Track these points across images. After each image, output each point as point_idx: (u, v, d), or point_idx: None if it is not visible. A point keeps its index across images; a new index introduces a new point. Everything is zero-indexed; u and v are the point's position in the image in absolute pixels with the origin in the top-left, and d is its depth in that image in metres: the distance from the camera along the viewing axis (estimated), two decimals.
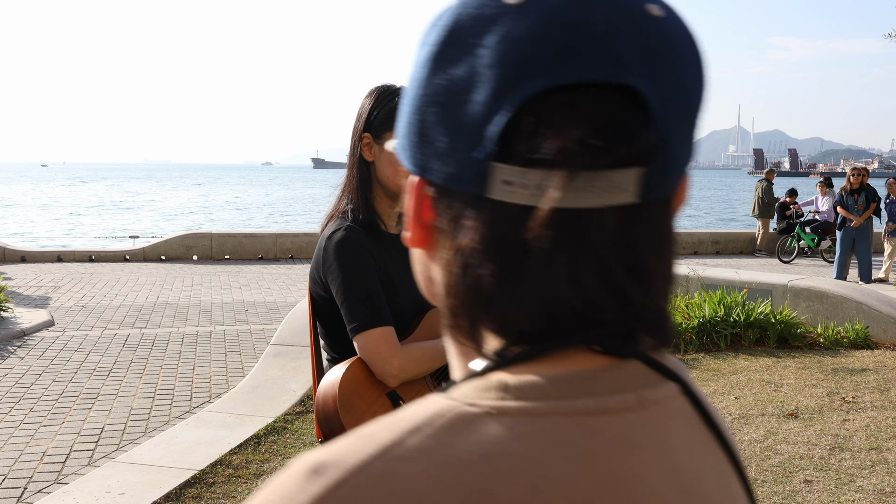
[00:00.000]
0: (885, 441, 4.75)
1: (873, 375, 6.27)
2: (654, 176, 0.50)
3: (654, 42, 0.49)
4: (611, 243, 0.50)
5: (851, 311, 7.58)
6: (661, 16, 0.50)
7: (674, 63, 0.50)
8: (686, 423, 0.53)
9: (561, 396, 0.49)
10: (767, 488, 4.06)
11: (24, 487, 4.30)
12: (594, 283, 0.50)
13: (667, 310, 0.55)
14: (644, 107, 0.49)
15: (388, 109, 1.93)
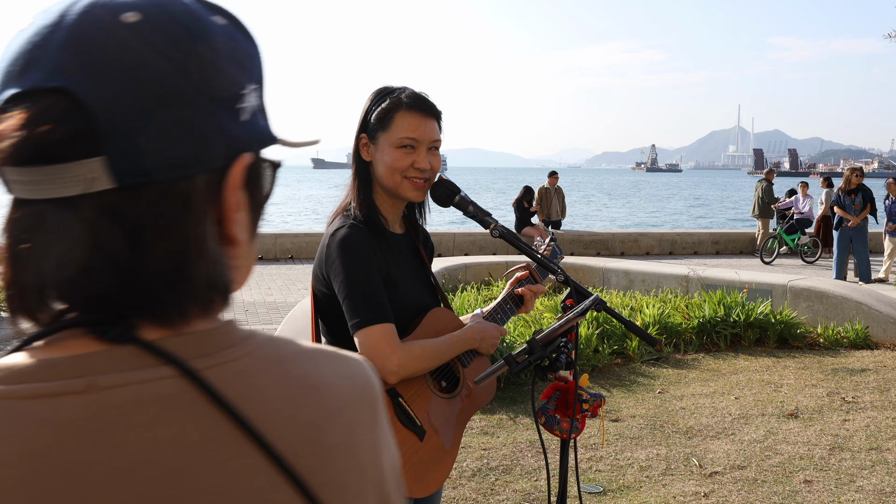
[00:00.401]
0: (884, 441, 4.75)
1: (873, 375, 6.27)
2: (121, 162, 0.56)
3: (106, 48, 0.56)
4: (91, 228, 0.56)
5: (851, 312, 7.58)
6: (135, 21, 0.58)
7: (125, 64, 0.56)
8: (167, 406, 0.56)
9: (25, 381, 0.55)
10: (767, 488, 4.06)
11: None
12: (77, 268, 0.56)
13: (175, 291, 0.60)
14: (81, 105, 0.55)
15: (381, 110, 1.95)
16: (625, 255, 15.43)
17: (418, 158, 1.93)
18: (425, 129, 1.94)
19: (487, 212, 2.05)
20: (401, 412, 1.85)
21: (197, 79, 0.60)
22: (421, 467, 1.87)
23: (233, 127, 0.63)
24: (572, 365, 1.93)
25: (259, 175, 0.68)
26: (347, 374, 0.68)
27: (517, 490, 4.03)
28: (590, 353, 6.39)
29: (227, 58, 0.63)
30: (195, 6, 0.63)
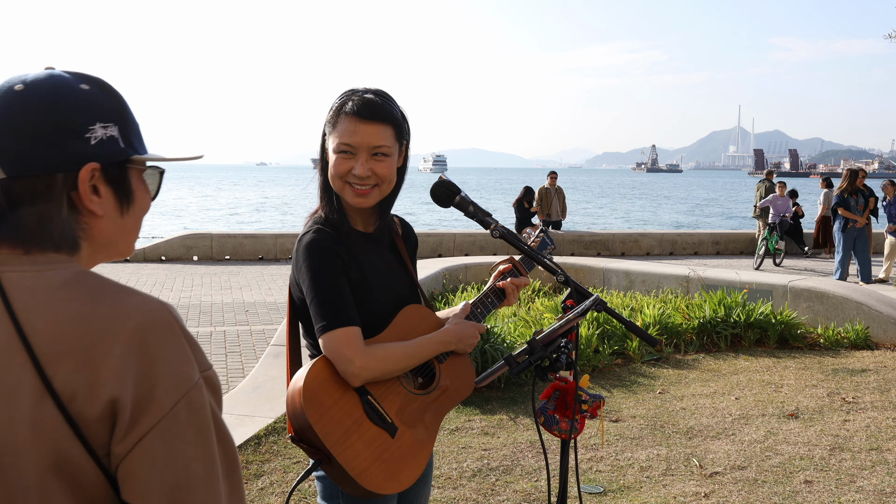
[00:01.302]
0: (885, 441, 4.75)
1: (873, 376, 6.27)
2: (6, 164, 1.01)
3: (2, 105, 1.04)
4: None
5: (852, 312, 7.58)
6: (20, 89, 1.04)
7: (8, 114, 1.03)
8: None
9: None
10: (768, 488, 4.06)
11: None
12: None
13: (37, 237, 1.03)
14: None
15: (333, 110, 1.93)
16: (625, 256, 15.43)
17: (356, 165, 1.89)
18: (364, 136, 1.88)
19: (488, 212, 2.04)
20: (370, 409, 1.83)
21: (55, 120, 1.03)
22: (392, 464, 1.85)
23: (81, 147, 1.04)
24: (573, 365, 1.93)
25: (119, 175, 1.09)
26: (127, 313, 1.00)
27: (517, 490, 4.03)
28: (590, 354, 6.39)
29: (80, 107, 1.05)
30: (69, 78, 1.07)
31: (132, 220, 1.13)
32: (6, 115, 1.03)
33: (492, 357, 5.74)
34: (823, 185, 16.25)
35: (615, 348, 6.67)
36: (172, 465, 1.01)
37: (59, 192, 1.04)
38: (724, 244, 16.58)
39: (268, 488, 3.98)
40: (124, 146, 1.10)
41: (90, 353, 0.97)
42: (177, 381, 1.00)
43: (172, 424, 1.00)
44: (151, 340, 0.99)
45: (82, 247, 1.08)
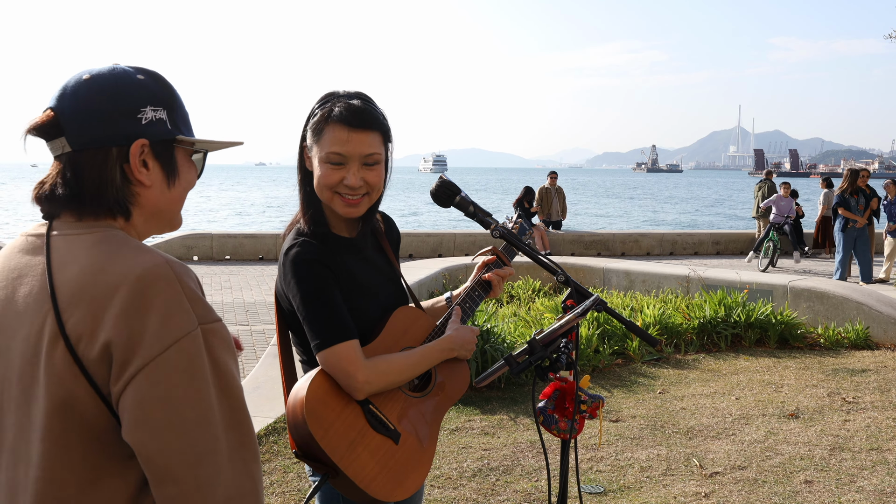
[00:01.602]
0: (885, 441, 4.75)
1: (874, 376, 6.27)
2: (71, 139, 1.22)
3: (71, 89, 1.24)
4: (62, 168, 1.23)
5: (852, 312, 7.58)
6: (87, 78, 1.25)
7: (75, 96, 1.23)
8: (34, 246, 1.23)
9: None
10: (768, 488, 4.06)
11: None
12: (47, 188, 1.24)
13: (94, 202, 1.23)
14: (56, 114, 1.23)
15: (318, 118, 1.87)
16: (625, 256, 15.43)
17: (348, 175, 1.84)
18: (355, 144, 1.83)
19: (488, 212, 2.04)
20: (372, 418, 1.82)
21: (112, 103, 1.24)
22: (399, 471, 1.84)
23: (133, 126, 1.24)
24: (573, 365, 1.93)
25: (166, 152, 1.29)
26: (131, 264, 1.15)
27: (518, 490, 4.03)
28: (590, 354, 6.39)
29: (134, 93, 1.26)
30: (128, 70, 1.28)
31: (177, 192, 1.32)
32: (73, 99, 1.23)
33: (492, 357, 5.74)
34: (823, 186, 16.23)
35: (615, 348, 6.67)
36: (162, 407, 1.11)
37: (113, 163, 1.23)
38: (724, 244, 16.58)
39: (268, 488, 3.98)
40: (171, 128, 1.29)
41: (98, 302, 1.13)
42: (167, 328, 1.12)
43: (161, 368, 1.11)
44: (147, 292, 1.13)
45: (133, 213, 1.27)
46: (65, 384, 1.12)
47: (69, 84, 1.25)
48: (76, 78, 1.25)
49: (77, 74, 1.26)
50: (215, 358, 1.16)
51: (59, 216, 1.24)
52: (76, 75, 1.26)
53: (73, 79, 1.26)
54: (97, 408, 1.13)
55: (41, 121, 1.24)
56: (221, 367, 1.16)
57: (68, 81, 1.26)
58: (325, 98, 1.89)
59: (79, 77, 1.25)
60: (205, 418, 1.12)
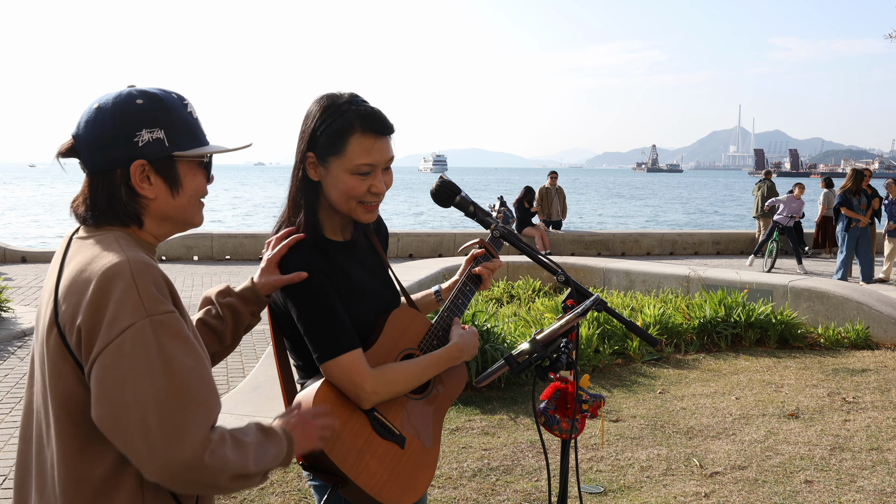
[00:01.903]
0: (885, 441, 4.75)
1: (874, 376, 6.27)
2: (85, 162, 1.47)
3: (86, 118, 1.48)
4: (84, 187, 1.49)
5: (852, 312, 7.58)
6: (97, 106, 1.47)
7: (87, 124, 1.47)
8: (63, 248, 1.49)
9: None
10: (768, 488, 4.06)
11: None
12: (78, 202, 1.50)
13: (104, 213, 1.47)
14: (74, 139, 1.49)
15: (333, 130, 1.81)
16: (625, 256, 15.43)
17: (375, 182, 1.84)
18: (381, 151, 1.82)
19: (488, 212, 2.04)
20: (378, 426, 1.82)
21: (112, 131, 1.45)
22: (407, 475, 1.84)
23: (130, 149, 1.45)
24: (573, 365, 1.93)
25: (166, 166, 1.48)
26: (101, 263, 1.36)
27: (518, 490, 4.03)
28: (590, 354, 6.39)
29: (130, 119, 1.45)
30: (131, 96, 1.47)
31: (183, 199, 1.51)
32: (85, 128, 1.47)
33: (492, 357, 5.74)
34: (823, 186, 16.23)
35: (615, 348, 6.67)
36: (112, 386, 1.30)
37: (118, 182, 1.45)
38: (724, 244, 16.58)
39: (268, 488, 3.98)
40: (169, 145, 1.47)
41: (78, 295, 1.35)
42: (118, 319, 1.31)
43: (112, 353, 1.31)
44: (107, 286, 1.33)
45: (145, 221, 1.49)
46: (56, 363, 1.37)
47: (84, 113, 1.49)
48: (89, 108, 1.48)
49: (91, 105, 1.49)
50: (161, 344, 1.33)
51: (86, 224, 1.49)
52: (90, 105, 1.49)
53: (87, 108, 1.49)
54: (81, 384, 1.36)
55: (65, 147, 1.49)
56: (166, 354, 1.33)
57: (85, 110, 1.49)
58: (331, 106, 1.83)
59: (90, 108, 1.48)
60: (141, 397, 1.30)
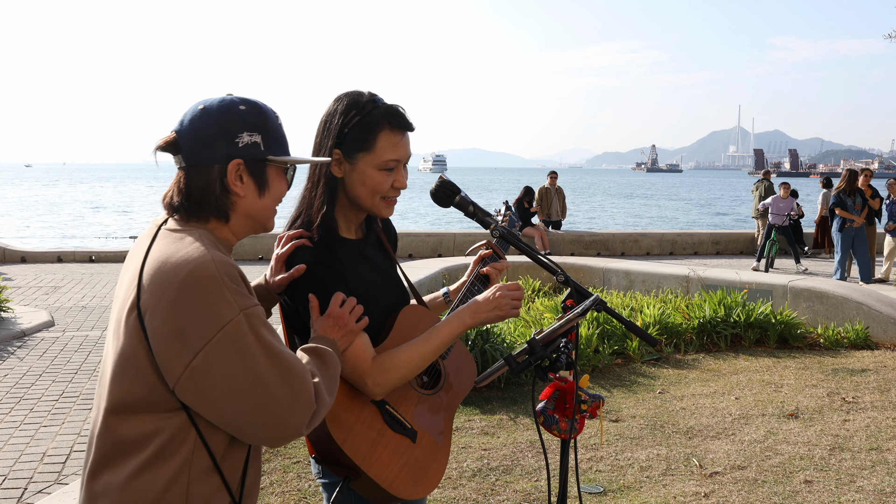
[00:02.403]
0: (885, 441, 4.75)
1: (873, 376, 6.27)
2: (185, 157, 1.57)
3: (189, 116, 1.59)
4: (178, 179, 1.59)
5: (851, 312, 7.58)
6: (202, 108, 1.59)
7: (190, 123, 1.58)
8: (148, 235, 1.59)
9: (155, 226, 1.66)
10: (768, 488, 4.06)
11: (24, 488, 4.31)
12: (169, 196, 1.60)
13: (198, 207, 1.57)
14: (176, 135, 1.58)
15: (361, 126, 1.86)
16: (625, 256, 15.43)
17: (398, 178, 1.90)
18: (405, 147, 1.90)
19: (488, 212, 2.04)
20: (390, 419, 1.84)
21: (216, 130, 1.56)
22: (419, 468, 1.87)
23: (231, 149, 1.56)
24: (572, 365, 1.93)
25: (258, 169, 1.60)
26: (184, 259, 1.45)
27: (517, 490, 4.03)
28: (590, 354, 6.39)
29: (234, 121, 1.57)
30: (234, 101, 1.59)
31: (268, 201, 1.63)
32: (190, 126, 1.57)
33: (492, 357, 5.74)
34: (823, 186, 16.23)
35: (615, 348, 6.67)
36: (220, 380, 1.43)
37: (214, 177, 1.56)
38: (724, 244, 16.58)
39: (268, 488, 3.98)
40: (264, 149, 1.60)
41: (159, 286, 1.45)
42: (215, 316, 1.42)
43: (215, 350, 1.42)
44: (195, 284, 1.43)
45: (231, 217, 1.60)
46: (132, 339, 1.47)
47: (188, 112, 1.59)
48: (193, 108, 1.59)
49: (195, 105, 1.61)
50: (257, 334, 1.46)
51: (176, 216, 1.58)
52: (194, 105, 1.60)
53: (191, 108, 1.60)
54: (150, 364, 1.46)
55: (166, 140, 1.58)
56: (264, 339, 1.46)
57: (188, 110, 1.60)
58: (356, 104, 1.87)
59: (195, 108, 1.59)
60: (257, 379, 1.44)
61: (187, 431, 1.48)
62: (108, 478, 1.48)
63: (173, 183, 1.59)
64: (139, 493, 1.46)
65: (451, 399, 2.01)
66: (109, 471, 1.49)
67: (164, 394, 1.46)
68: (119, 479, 1.47)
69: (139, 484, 1.46)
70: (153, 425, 1.47)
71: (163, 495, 1.46)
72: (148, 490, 1.46)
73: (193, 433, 1.49)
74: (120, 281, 1.62)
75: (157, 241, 1.53)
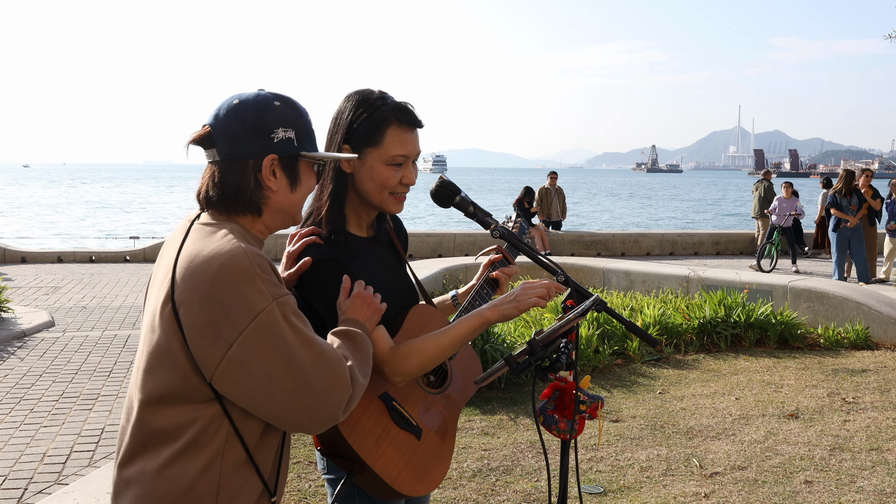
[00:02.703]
0: (885, 442, 4.75)
1: (874, 376, 6.27)
2: (220, 150, 1.58)
3: (224, 111, 1.60)
4: (212, 172, 1.61)
5: (852, 312, 7.58)
6: (237, 103, 1.60)
7: (224, 117, 1.59)
8: (182, 229, 1.62)
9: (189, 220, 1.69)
10: (768, 489, 4.06)
11: (24, 488, 4.30)
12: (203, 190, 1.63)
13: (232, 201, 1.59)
14: (211, 128, 1.59)
15: (370, 122, 1.89)
16: (625, 256, 15.43)
17: (406, 174, 1.92)
18: (414, 144, 1.92)
19: (488, 212, 2.04)
20: (396, 415, 1.86)
21: (253, 125, 1.57)
22: (422, 465, 1.88)
23: (266, 144, 1.58)
24: (573, 365, 1.92)
25: (291, 164, 1.62)
26: (217, 252, 1.48)
27: (518, 491, 4.03)
28: (590, 354, 6.39)
29: (269, 117, 1.58)
30: (268, 97, 1.61)
31: (299, 195, 1.66)
32: (225, 120, 1.58)
33: (492, 357, 5.74)
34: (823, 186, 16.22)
35: (615, 348, 6.67)
36: (257, 367, 1.45)
37: (249, 171, 1.58)
38: (724, 244, 16.58)
39: None
40: (297, 145, 1.61)
41: (193, 280, 1.47)
42: (248, 306, 1.45)
43: (249, 339, 1.44)
44: (228, 276, 1.45)
45: (263, 211, 1.62)
46: (167, 332, 1.49)
47: (222, 106, 1.60)
48: (228, 102, 1.60)
49: (229, 98, 1.61)
50: (290, 322, 1.49)
51: (209, 210, 1.61)
52: (228, 99, 1.61)
53: (225, 102, 1.61)
54: (185, 356, 1.48)
55: (200, 134, 1.59)
56: (297, 327, 1.49)
57: (222, 104, 1.61)
58: (365, 101, 1.91)
59: (230, 101, 1.60)
60: (292, 366, 1.47)
61: (221, 421, 1.50)
62: (142, 465, 1.51)
63: (206, 177, 1.61)
64: (171, 482, 1.48)
65: (456, 399, 2.03)
66: (143, 459, 1.51)
67: (199, 385, 1.48)
68: (152, 466, 1.50)
69: (172, 472, 1.48)
70: (187, 416, 1.49)
71: (195, 484, 1.48)
72: (180, 478, 1.48)
73: (227, 423, 1.51)
74: (153, 276, 1.64)
75: (189, 235, 1.56)
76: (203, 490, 1.49)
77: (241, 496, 1.53)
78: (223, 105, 1.61)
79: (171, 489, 1.48)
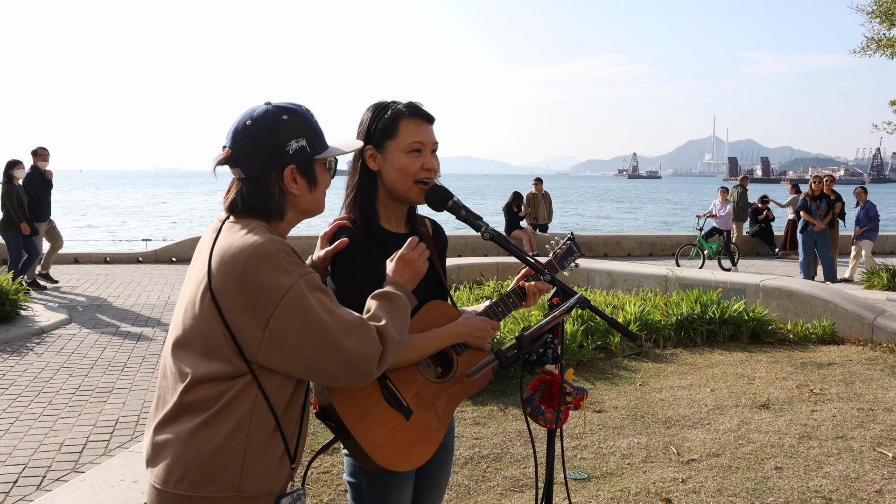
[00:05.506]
0: (850, 430, 4.77)
1: (839, 369, 6.30)
2: (243, 169, 1.68)
3: (240, 130, 1.68)
4: (239, 187, 1.71)
5: (819, 309, 7.61)
6: (249, 123, 1.67)
7: (241, 137, 1.67)
8: (215, 228, 1.71)
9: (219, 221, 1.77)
10: (741, 474, 4.07)
11: (43, 476, 4.29)
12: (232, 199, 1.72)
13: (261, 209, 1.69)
14: (231, 149, 1.69)
15: (385, 121, 2.00)
16: (608, 257, 15.46)
17: (426, 160, 1.99)
18: (428, 133, 2.01)
19: (479, 216, 2.04)
20: (387, 393, 1.88)
21: (268, 143, 1.66)
22: (406, 444, 1.89)
23: (283, 157, 1.66)
24: (558, 359, 1.93)
25: (308, 168, 1.70)
26: (246, 243, 1.58)
27: (507, 477, 4.03)
28: (575, 348, 6.39)
29: (281, 132, 1.66)
30: (276, 112, 1.67)
31: (319, 193, 1.75)
32: (242, 141, 1.67)
33: None
34: (792, 191, 16.33)
35: (598, 343, 6.68)
36: (292, 337, 1.55)
37: (273, 183, 1.68)
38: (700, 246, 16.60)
39: None
40: (310, 151, 1.70)
41: (227, 269, 1.57)
42: (278, 286, 1.54)
43: (283, 312, 1.54)
44: (258, 261, 1.55)
45: (287, 213, 1.71)
46: (209, 319, 1.58)
47: (238, 128, 1.68)
48: (242, 123, 1.68)
49: (242, 119, 1.69)
50: (316, 296, 1.58)
51: (238, 215, 1.69)
52: (241, 120, 1.69)
53: (239, 123, 1.68)
54: (225, 339, 1.57)
55: (223, 157, 1.69)
56: (322, 299, 1.59)
57: (237, 125, 1.69)
58: (380, 106, 2.03)
59: (244, 122, 1.68)
60: (323, 332, 1.56)
61: (250, 390, 1.59)
62: (175, 430, 1.59)
63: (234, 191, 1.70)
64: (201, 445, 1.56)
65: (456, 391, 2.02)
66: (176, 425, 1.60)
67: (238, 363, 1.57)
68: (184, 430, 1.58)
69: (202, 436, 1.56)
70: (222, 387, 1.58)
71: (224, 445, 1.56)
72: (210, 441, 1.56)
73: (255, 391, 1.59)
74: (190, 271, 1.72)
75: (221, 233, 1.65)
76: (231, 451, 1.57)
77: (265, 459, 1.60)
78: (238, 126, 1.68)
79: (201, 450, 1.56)
